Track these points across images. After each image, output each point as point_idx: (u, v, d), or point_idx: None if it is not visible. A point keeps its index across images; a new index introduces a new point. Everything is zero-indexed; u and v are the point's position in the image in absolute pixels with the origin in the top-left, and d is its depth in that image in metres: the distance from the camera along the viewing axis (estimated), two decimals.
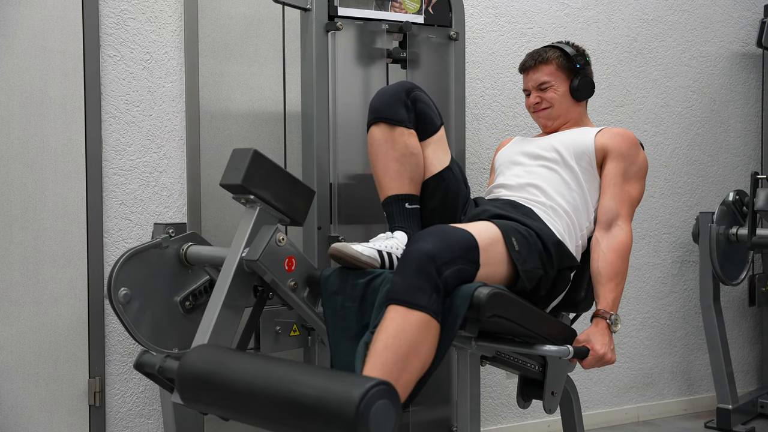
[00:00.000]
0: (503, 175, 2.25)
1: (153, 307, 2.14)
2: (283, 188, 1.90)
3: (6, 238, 2.34)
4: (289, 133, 2.56)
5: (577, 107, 2.29)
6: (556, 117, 2.27)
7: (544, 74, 2.25)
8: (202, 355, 1.63)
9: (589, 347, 1.89)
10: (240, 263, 1.84)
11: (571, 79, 2.25)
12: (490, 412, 3.07)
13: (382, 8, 2.41)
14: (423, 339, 1.63)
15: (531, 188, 2.12)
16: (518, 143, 2.33)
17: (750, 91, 3.72)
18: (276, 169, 1.89)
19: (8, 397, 2.35)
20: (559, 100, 2.25)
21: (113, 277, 2.07)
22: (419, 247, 1.68)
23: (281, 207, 1.89)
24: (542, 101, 2.26)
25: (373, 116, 2.06)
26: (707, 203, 3.56)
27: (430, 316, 1.63)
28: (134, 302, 2.10)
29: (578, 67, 2.24)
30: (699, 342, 3.53)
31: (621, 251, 2.02)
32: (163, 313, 2.16)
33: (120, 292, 2.08)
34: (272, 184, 1.87)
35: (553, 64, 2.25)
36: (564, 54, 2.25)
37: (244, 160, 1.82)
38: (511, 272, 1.89)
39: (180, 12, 2.56)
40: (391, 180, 2.05)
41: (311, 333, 2.38)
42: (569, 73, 2.25)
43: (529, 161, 2.20)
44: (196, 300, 2.21)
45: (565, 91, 2.25)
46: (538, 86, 2.26)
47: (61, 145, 2.42)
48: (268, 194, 1.86)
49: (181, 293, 2.20)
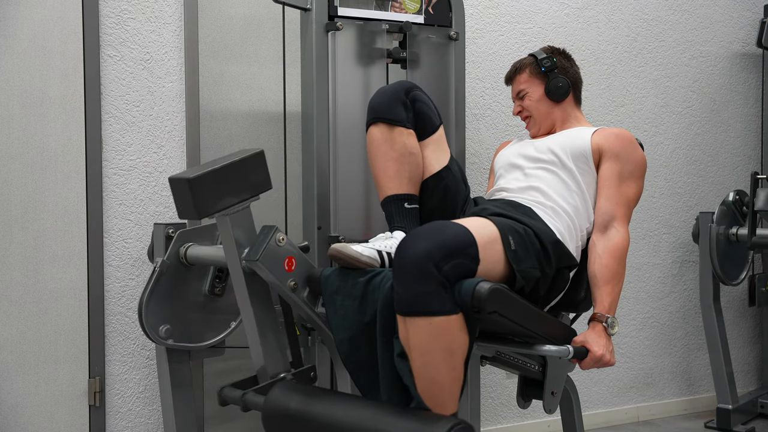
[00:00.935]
0: (503, 179, 2.25)
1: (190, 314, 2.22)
2: (236, 180, 1.79)
3: (6, 238, 2.34)
4: (289, 133, 2.56)
5: (559, 108, 2.28)
6: (539, 123, 2.30)
7: (520, 83, 2.31)
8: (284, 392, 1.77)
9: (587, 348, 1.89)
10: (244, 271, 1.84)
11: (546, 83, 2.27)
12: (490, 412, 3.07)
13: (382, 8, 2.41)
14: (452, 338, 1.65)
15: (531, 191, 2.12)
16: (516, 146, 2.33)
17: (750, 91, 3.72)
18: (218, 173, 1.75)
19: (8, 397, 2.35)
20: (535, 106, 2.28)
21: (146, 324, 2.13)
22: (413, 247, 1.65)
23: (246, 195, 1.81)
24: (523, 110, 2.31)
25: (372, 116, 2.06)
26: (707, 203, 3.56)
27: (448, 315, 1.63)
28: (176, 327, 2.19)
29: (543, 70, 2.27)
30: (699, 342, 3.53)
31: (617, 254, 2.02)
32: (200, 311, 2.24)
33: (161, 331, 2.16)
34: (226, 188, 1.76)
35: (527, 71, 2.30)
36: (535, 59, 2.29)
37: (186, 195, 1.70)
38: (508, 271, 1.88)
39: (180, 12, 2.56)
40: (390, 180, 2.05)
41: (311, 333, 2.38)
42: (542, 77, 2.28)
43: (528, 164, 2.19)
44: (221, 281, 2.25)
45: (541, 95, 2.28)
46: (517, 95, 2.32)
47: (61, 145, 2.42)
48: (227, 200, 1.77)
49: (205, 284, 2.24)
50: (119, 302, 2.48)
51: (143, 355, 2.51)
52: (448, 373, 1.67)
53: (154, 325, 2.14)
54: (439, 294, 1.62)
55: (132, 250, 2.50)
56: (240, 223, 1.82)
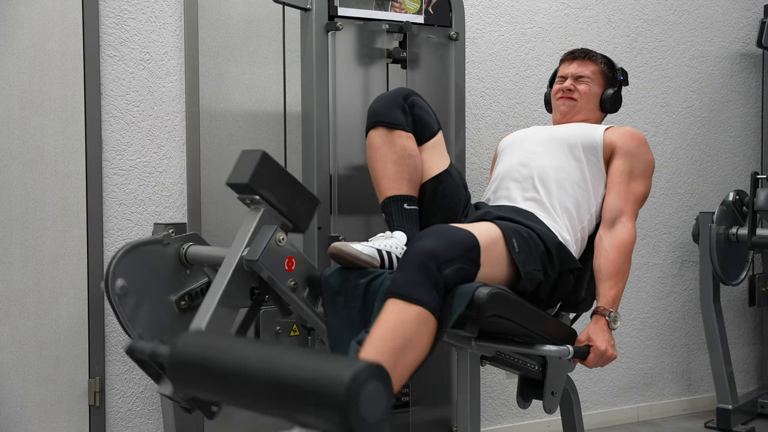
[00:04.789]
0: (507, 160, 2.25)
1: (149, 303, 2.13)
2: (288, 192, 1.90)
3: (6, 238, 2.34)
4: (289, 133, 2.56)
5: (597, 114, 2.35)
6: (577, 111, 2.32)
7: (588, 70, 2.33)
8: (196, 338, 1.61)
9: (590, 344, 1.89)
10: (240, 262, 1.84)
11: (606, 88, 2.33)
12: (490, 412, 3.07)
13: (382, 8, 2.41)
14: (420, 334, 1.64)
15: (534, 181, 2.13)
16: (526, 131, 2.35)
17: (750, 91, 3.72)
18: (283, 173, 1.89)
19: (8, 397, 2.35)
20: (588, 96, 2.31)
21: (111, 267, 2.06)
22: (421, 244, 1.69)
23: (284, 210, 1.89)
24: (574, 90, 2.32)
25: (372, 120, 2.07)
26: (707, 203, 3.56)
27: (428, 311, 1.64)
28: (131, 296, 2.09)
29: (621, 79, 2.34)
30: (699, 342, 3.53)
31: (623, 248, 2.03)
32: (158, 311, 2.16)
33: (117, 283, 2.07)
34: (278, 187, 1.87)
35: (599, 66, 2.34)
36: (609, 63, 2.36)
37: (253, 161, 1.82)
38: (511, 273, 1.89)
39: (180, 12, 2.56)
40: (389, 181, 2.05)
41: (311, 333, 2.38)
42: (607, 81, 2.34)
43: (535, 147, 2.21)
44: (192, 301, 2.21)
45: (597, 93, 2.33)
46: (576, 77, 2.33)
47: (61, 145, 2.42)
48: (273, 196, 1.86)
49: (177, 292, 2.19)
50: None
51: None
52: (394, 363, 1.60)
53: (116, 273, 2.07)
54: (430, 290, 1.65)
55: None
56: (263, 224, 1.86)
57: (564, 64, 2.39)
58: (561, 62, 2.42)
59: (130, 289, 2.09)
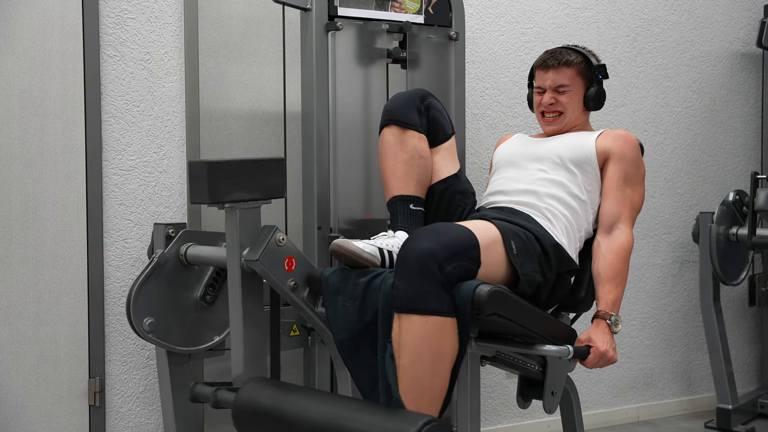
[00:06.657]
0: (501, 177, 2.24)
1: (177, 315, 2.20)
2: (253, 178, 1.83)
3: (6, 238, 2.34)
4: (289, 133, 2.56)
5: (584, 115, 2.28)
6: (566, 122, 2.24)
7: (565, 77, 2.20)
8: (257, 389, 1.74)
9: (591, 345, 1.89)
10: (243, 270, 1.84)
11: (588, 87, 2.23)
12: (490, 412, 3.07)
13: (382, 8, 2.41)
14: (444, 341, 1.65)
15: (528, 194, 2.12)
16: (518, 143, 2.32)
17: (750, 91, 3.72)
18: (238, 165, 1.81)
19: (8, 397, 2.35)
20: (573, 106, 2.22)
21: (131, 313, 2.12)
22: (417, 245, 1.68)
23: (259, 195, 1.84)
24: (556, 103, 2.22)
25: (386, 118, 2.08)
26: (707, 203, 3.56)
27: (444, 317, 1.64)
28: (160, 323, 2.16)
29: (600, 78, 2.23)
30: (699, 342, 3.53)
31: (621, 253, 2.03)
32: (187, 315, 2.22)
33: (144, 322, 2.13)
34: (241, 182, 1.80)
35: (575, 68, 2.21)
36: (586, 61, 2.22)
37: (203, 176, 1.75)
38: (509, 275, 1.88)
39: (180, 12, 2.56)
40: (398, 180, 2.06)
41: (311, 333, 2.38)
42: (587, 81, 2.23)
43: (529, 164, 2.19)
44: (214, 290, 2.24)
45: (580, 98, 2.23)
46: (555, 88, 2.22)
47: (61, 145, 2.42)
48: (240, 194, 1.81)
49: (197, 290, 2.23)
50: (119, 302, 2.47)
51: (143, 355, 2.51)
52: (432, 378, 1.66)
53: (139, 315, 2.12)
54: (439, 294, 1.64)
55: (132, 250, 2.50)
56: (247, 222, 1.84)
57: (540, 73, 2.25)
58: (536, 69, 2.29)
59: (157, 319, 2.16)
